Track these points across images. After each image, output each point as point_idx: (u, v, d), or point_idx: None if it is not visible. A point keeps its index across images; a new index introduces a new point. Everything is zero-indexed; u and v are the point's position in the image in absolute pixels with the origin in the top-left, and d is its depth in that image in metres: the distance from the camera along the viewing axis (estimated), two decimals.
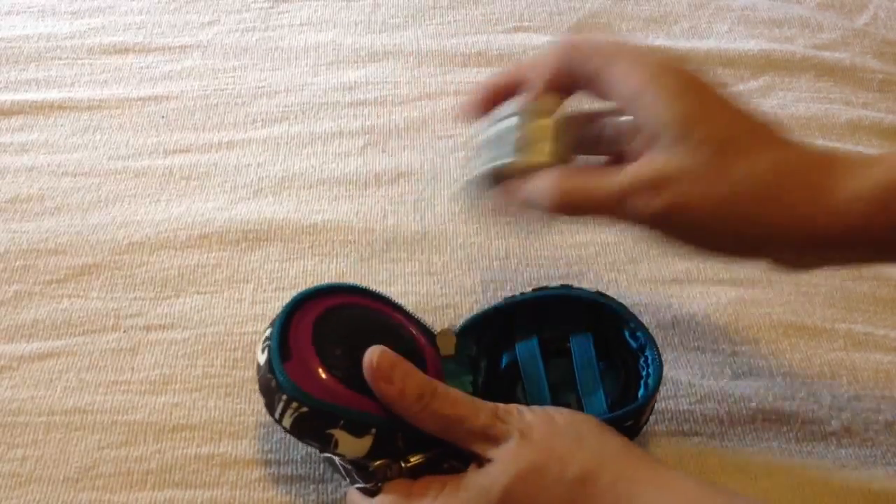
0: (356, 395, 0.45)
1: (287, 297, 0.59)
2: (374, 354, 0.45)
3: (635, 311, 0.59)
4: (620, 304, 0.52)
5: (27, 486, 0.50)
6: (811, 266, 0.47)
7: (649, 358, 0.50)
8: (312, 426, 0.44)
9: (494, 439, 0.44)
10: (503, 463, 0.43)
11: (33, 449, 0.51)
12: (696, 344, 0.58)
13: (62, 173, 0.68)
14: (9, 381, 0.55)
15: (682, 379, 0.56)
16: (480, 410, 0.45)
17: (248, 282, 0.60)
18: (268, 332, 0.47)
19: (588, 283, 0.61)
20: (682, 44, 0.81)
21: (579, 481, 0.42)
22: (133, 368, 0.55)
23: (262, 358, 0.46)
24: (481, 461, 0.44)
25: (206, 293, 0.60)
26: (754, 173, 0.42)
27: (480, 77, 0.77)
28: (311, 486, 0.50)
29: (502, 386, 0.51)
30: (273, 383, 0.44)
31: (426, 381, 0.45)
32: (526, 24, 0.83)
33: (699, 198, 0.42)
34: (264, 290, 0.60)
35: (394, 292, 0.59)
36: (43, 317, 0.58)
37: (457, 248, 0.63)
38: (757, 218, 0.42)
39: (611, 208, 0.44)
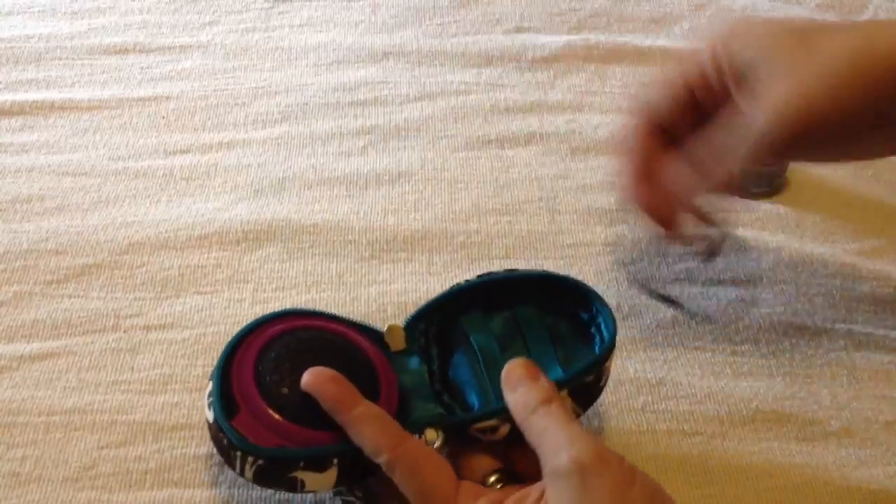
0: (311, 432, 0.44)
1: (287, 296, 0.59)
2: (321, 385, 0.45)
3: (636, 311, 0.59)
4: (567, 278, 0.52)
5: (26, 485, 0.50)
6: None
7: (601, 324, 0.50)
8: (274, 474, 0.44)
9: None
10: None
11: (33, 449, 0.51)
12: (696, 344, 0.58)
13: (62, 173, 0.68)
14: (9, 381, 0.55)
15: (682, 379, 0.56)
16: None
17: (248, 282, 0.60)
18: (210, 387, 0.46)
19: (588, 283, 0.61)
20: (683, 44, 0.81)
21: None
22: (133, 368, 0.55)
23: (209, 415, 0.45)
24: None
25: (206, 293, 0.60)
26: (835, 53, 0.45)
27: (481, 77, 0.77)
28: None
29: (459, 374, 0.50)
30: (225, 441, 0.44)
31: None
32: (526, 24, 0.83)
33: (826, 90, 0.45)
34: (264, 290, 0.60)
35: (394, 291, 0.60)
36: (43, 317, 0.58)
37: (457, 247, 0.63)
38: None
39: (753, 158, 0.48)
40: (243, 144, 0.70)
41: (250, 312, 0.58)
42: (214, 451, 0.45)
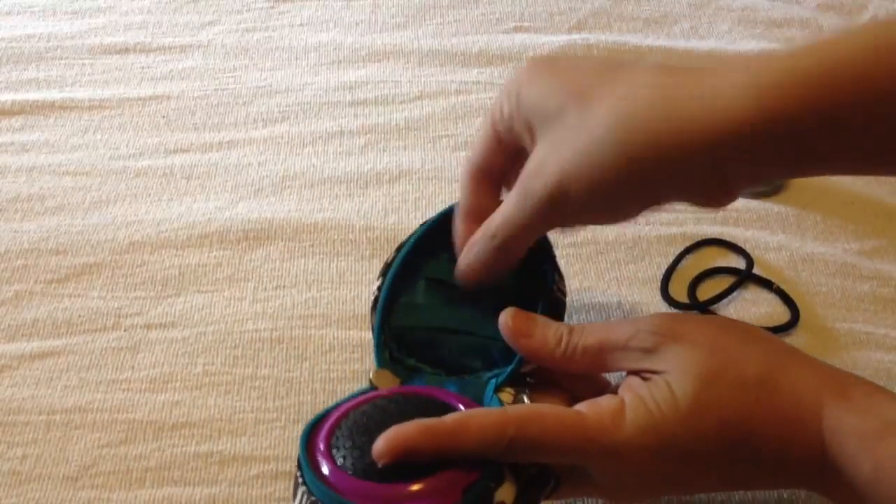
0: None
1: (288, 295, 0.59)
2: (507, 316, 0.45)
3: (637, 310, 0.59)
4: None
5: (27, 484, 0.50)
6: (738, 186, 0.43)
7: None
8: None
9: (653, 351, 0.42)
10: (678, 372, 0.40)
11: (33, 447, 0.51)
12: None
13: (63, 173, 0.68)
14: (9, 380, 0.55)
15: None
16: (626, 329, 0.43)
17: (248, 280, 0.60)
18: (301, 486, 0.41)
19: (589, 282, 0.61)
20: (682, 44, 0.81)
21: (759, 384, 0.40)
22: (133, 367, 0.55)
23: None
24: (645, 377, 0.42)
25: (206, 292, 0.60)
26: (622, 104, 0.40)
27: (481, 77, 0.77)
28: None
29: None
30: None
31: (560, 324, 0.45)
32: (526, 24, 0.83)
33: (579, 160, 0.40)
34: (265, 289, 0.60)
35: None
36: (43, 316, 0.58)
37: None
38: (645, 150, 0.39)
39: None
40: (243, 144, 0.71)
41: (251, 311, 0.58)
42: (215, 449, 0.45)
